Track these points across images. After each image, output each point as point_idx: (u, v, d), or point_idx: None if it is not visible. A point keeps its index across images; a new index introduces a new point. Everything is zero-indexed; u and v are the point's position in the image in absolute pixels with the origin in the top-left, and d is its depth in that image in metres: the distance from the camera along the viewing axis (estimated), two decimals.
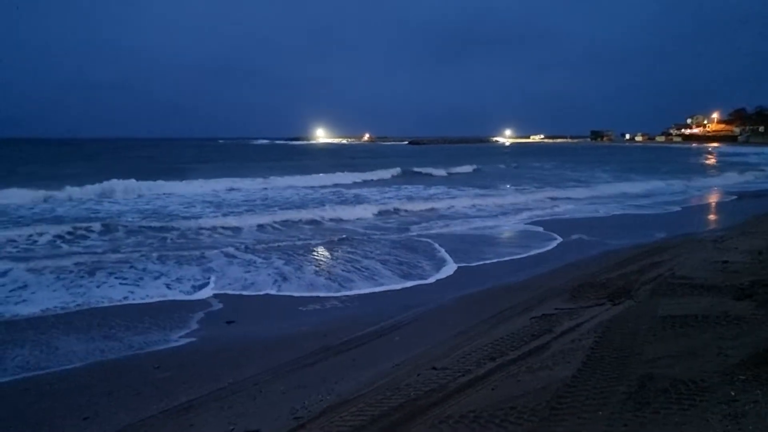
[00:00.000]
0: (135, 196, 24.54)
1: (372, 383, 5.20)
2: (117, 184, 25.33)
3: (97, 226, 15.42)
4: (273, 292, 9.60)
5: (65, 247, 13.19)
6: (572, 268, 10.72)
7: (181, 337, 7.52)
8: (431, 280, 10.49)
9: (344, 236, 14.72)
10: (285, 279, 10.29)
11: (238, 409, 5.22)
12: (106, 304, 8.76)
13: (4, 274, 10.27)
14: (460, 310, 8.45)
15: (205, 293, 9.41)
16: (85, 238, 14.26)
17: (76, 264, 11.06)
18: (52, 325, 7.87)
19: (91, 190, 24.36)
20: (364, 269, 11.07)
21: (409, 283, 10.13)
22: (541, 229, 16.24)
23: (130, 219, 17.29)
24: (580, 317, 6.11)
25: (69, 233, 14.42)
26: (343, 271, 10.90)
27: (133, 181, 26.39)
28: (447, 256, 12.28)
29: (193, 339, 7.45)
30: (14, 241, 13.44)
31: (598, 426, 3.34)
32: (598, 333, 5.20)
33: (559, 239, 14.30)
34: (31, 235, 13.93)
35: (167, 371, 6.35)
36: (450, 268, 11.30)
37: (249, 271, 10.80)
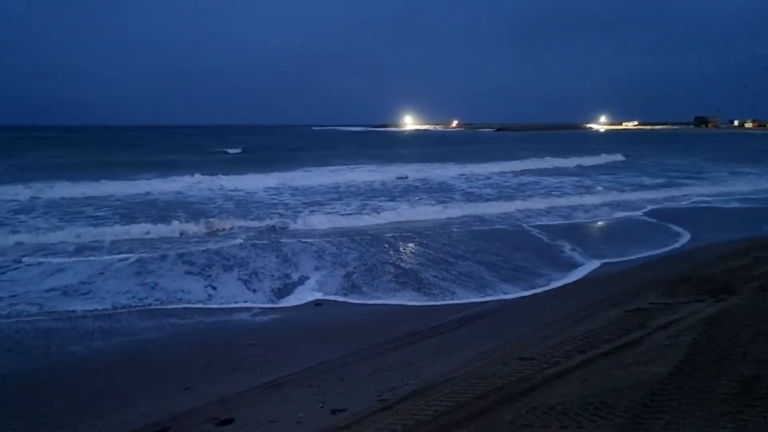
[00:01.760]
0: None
1: (457, 370, 5.21)
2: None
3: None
4: (372, 301, 8.79)
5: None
6: (670, 260, 10.20)
7: (273, 315, 7.89)
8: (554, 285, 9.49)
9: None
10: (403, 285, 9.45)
11: (326, 388, 5.39)
12: (207, 306, 8.81)
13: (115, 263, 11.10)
14: (547, 300, 8.28)
15: (306, 297, 8.93)
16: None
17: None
18: (155, 306, 8.47)
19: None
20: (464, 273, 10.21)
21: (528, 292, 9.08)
22: (654, 220, 15.67)
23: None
24: (678, 313, 5.81)
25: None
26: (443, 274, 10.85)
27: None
28: (580, 257, 11.32)
29: (285, 319, 7.78)
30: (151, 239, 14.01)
31: (696, 427, 3.19)
32: (697, 330, 4.94)
33: (685, 234, 13.48)
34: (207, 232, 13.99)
35: (260, 348, 6.68)
36: (588, 267, 10.42)
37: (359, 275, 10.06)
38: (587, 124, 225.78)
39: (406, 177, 27.84)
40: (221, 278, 9.67)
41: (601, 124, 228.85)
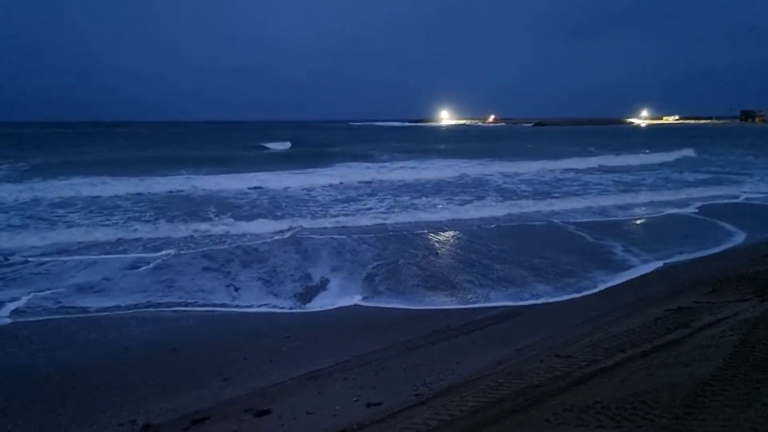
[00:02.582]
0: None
1: (493, 366, 5.20)
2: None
3: None
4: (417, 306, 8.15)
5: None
6: (716, 258, 9.91)
7: (309, 308, 7.98)
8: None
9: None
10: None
11: (361, 382, 5.44)
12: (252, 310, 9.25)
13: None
14: (586, 298, 8.15)
15: (337, 301, 8.44)
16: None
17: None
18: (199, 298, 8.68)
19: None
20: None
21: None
22: (705, 217, 15.21)
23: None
24: (722, 312, 5.65)
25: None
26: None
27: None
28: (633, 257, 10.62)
29: (321, 314, 7.86)
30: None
31: (740, 430, 3.11)
32: (742, 330, 4.79)
33: (735, 230, 12.94)
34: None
35: (297, 341, 6.76)
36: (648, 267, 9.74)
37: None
38: (628, 118, 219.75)
39: (468, 175, 26.85)
40: (250, 278, 9.60)
41: (642, 119, 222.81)
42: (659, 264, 9.95)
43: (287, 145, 53.71)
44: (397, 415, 4.30)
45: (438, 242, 12.42)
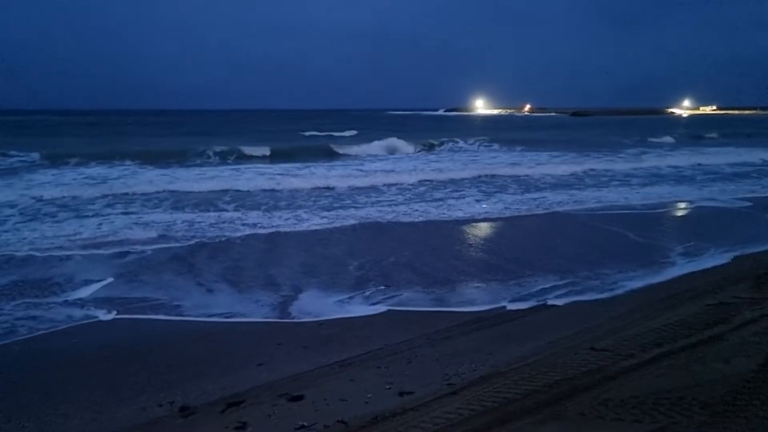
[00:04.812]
0: None
1: (526, 358, 5.16)
2: None
3: None
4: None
5: None
6: (759, 253, 9.59)
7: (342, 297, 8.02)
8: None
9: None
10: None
11: (393, 370, 5.47)
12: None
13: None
14: (624, 293, 8.00)
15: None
16: None
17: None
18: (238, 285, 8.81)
19: None
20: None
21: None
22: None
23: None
24: (764, 308, 5.51)
25: None
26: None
27: None
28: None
29: (355, 301, 7.90)
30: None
31: None
32: None
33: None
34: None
35: (329, 329, 6.82)
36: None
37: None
38: (668, 108, 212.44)
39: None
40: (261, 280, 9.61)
41: (683, 109, 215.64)
42: (700, 259, 9.68)
43: (353, 132, 52.05)
44: (429, 404, 4.32)
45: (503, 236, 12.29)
